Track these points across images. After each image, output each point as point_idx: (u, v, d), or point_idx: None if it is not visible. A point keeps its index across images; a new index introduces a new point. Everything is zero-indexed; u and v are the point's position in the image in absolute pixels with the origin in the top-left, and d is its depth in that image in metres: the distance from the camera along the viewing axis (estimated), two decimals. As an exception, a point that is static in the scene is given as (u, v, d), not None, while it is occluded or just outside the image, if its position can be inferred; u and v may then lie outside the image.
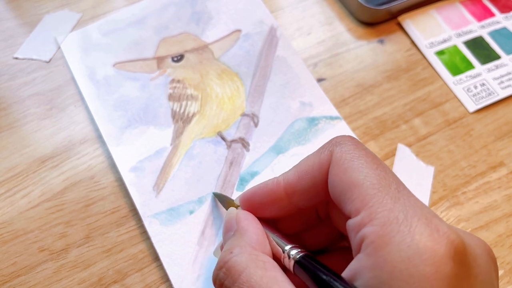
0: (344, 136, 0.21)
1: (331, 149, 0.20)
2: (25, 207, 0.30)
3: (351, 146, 0.20)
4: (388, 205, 0.17)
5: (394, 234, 0.16)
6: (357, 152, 0.20)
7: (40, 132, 0.33)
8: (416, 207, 0.17)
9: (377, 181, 0.18)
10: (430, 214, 0.17)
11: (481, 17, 0.41)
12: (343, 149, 0.20)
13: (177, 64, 0.36)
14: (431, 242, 0.16)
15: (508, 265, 0.30)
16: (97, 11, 0.39)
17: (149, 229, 0.29)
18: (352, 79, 0.37)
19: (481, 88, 0.37)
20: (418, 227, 0.16)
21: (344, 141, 0.20)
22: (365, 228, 0.17)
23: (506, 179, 0.33)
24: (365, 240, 0.17)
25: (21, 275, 0.28)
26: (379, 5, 0.39)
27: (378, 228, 0.17)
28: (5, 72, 0.36)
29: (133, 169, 0.31)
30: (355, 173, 0.19)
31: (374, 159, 0.20)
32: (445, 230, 0.16)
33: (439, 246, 0.16)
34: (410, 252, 0.16)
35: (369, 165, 0.19)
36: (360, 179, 0.18)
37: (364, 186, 0.18)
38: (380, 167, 0.19)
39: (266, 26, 0.38)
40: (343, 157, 0.19)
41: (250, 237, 0.21)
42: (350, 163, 0.19)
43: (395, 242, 0.16)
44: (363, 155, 0.19)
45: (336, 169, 0.19)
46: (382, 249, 0.16)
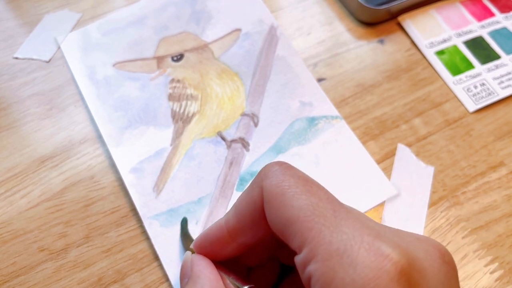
0: (271, 165, 0.20)
1: (260, 184, 0.19)
2: (24, 207, 0.30)
3: (279, 177, 0.19)
4: (327, 237, 0.16)
5: (338, 268, 0.16)
6: (286, 182, 0.18)
7: (40, 132, 0.33)
8: (356, 231, 0.17)
9: (311, 211, 0.17)
10: (371, 236, 0.16)
11: (481, 17, 0.41)
12: (271, 182, 0.19)
13: (177, 63, 0.36)
14: (374, 270, 0.16)
15: (508, 265, 0.30)
16: (97, 11, 0.39)
17: (149, 231, 0.29)
18: (352, 79, 0.37)
19: (481, 88, 0.37)
20: (359, 256, 0.16)
21: (271, 172, 0.19)
22: (309, 266, 0.17)
23: (506, 179, 0.33)
24: (312, 278, 0.17)
25: (20, 275, 0.28)
26: (379, 5, 0.39)
27: (321, 265, 0.16)
28: (5, 72, 0.36)
29: (133, 170, 0.31)
30: (287, 208, 0.18)
31: (306, 185, 0.18)
32: (388, 252, 0.16)
33: (382, 272, 0.15)
34: (355, 285, 0.15)
35: (300, 194, 0.18)
36: (295, 214, 0.17)
37: (300, 220, 0.17)
38: (312, 194, 0.18)
39: (266, 25, 0.38)
40: (273, 192, 0.19)
41: (204, 283, 0.21)
42: (281, 197, 0.18)
43: (339, 278, 0.16)
44: (293, 184, 0.18)
45: (270, 207, 0.19)
46: (328, 286, 0.16)
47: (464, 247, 0.31)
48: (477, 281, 0.29)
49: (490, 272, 0.30)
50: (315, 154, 0.33)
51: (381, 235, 0.17)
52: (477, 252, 0.30)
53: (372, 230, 0.17)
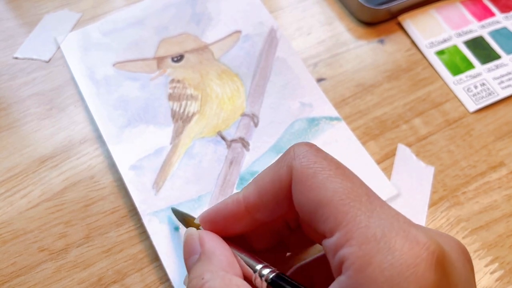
0: (301, 146, 0.19)
1: (290, 163, 0.19)
2: (24, 207, 0.30)
3: (311, 158, 0.18)
4: (363, 222, 0.16)
5: (374, 253, 0.16)
6: (318, 164, 0.18)
7: (40, 132, 0.33)
8: (392, 218, 0.17)
9: (346, 195, 0.17)
10: (406, 224, 0.17)
11: (481, 17, 0.41)
12: (303, 163, 0.18)
13: (177, 64, 0.36)
14: (412, 257, 0.16)
15: (508, 265, 0.30)
16: (97, 11, 0.39)
17: (148, 227, 0.29)
18: (352, 79, 0.37)
19: (481, 88, 0.37)
20: (397, 243, 0.16)
21: (302, 152, 0.19)
22: (343, 249, 0.16)
23: (506, 179, 0.33)
24: (345, 262, 0.16)
25: (20, 275, 0.28)
26: (379, 5, 0.39)
27: (357, 249, 0.16)
28: (5, 72, 0.36)
29: (132, 168, 0.31)
30: (321, 190, 0.17)
31: (339, 168, 0.18)
32: (424, 240, 0.16)
33: (420, 260, 0.16)
34: (393, 270, 0.15)
35: (334, 177, 0.18)
36: (328, 197, 0.17)
37: (334, 203, 0.17)
38: (346, 178, 0.18)
39: (266, 27, 0.38)
40: (304, 172, 0.18)
41: (220, 260, 0.20)
42: (313, 179, 0.18)
43: (377, 262, 0.16)
44: (326, 167, 0.18)
45: (300, 187, 0.18)
46: (364, 270, 0.16)
47: (465, 247, 0.31)
48: (478, 281, 0.29)
49: (490, 272, 0.30)
50: (315, 154, 0.33)
51: (415, 225, 0.17)
52: (478, 252, 0.30)
53: (406, 220, 0.17)
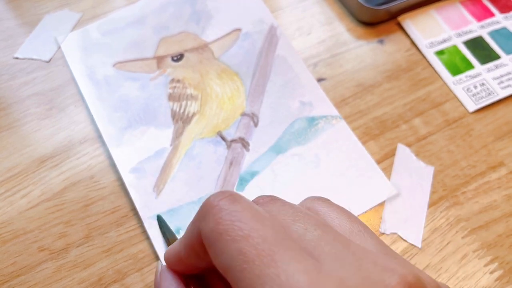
0: (209, 204, 0.17)
1: (199, 226, 0.18)
2: (25, 207, 0.30)
3: (215, 218, 0.17)
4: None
5: None
6: (221, 225, 0.16)
7: (40, 132, 0.33)
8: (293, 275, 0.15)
9: (242, 259, 0.15)
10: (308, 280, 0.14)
11: (481, 17, 0.41)
12: (207, 226, 0.17)
13: (177, 63, 0.36)
14: None
15: (508, 265, 0.30)
16: (97, 11, 0.39)
17: (149, 231, 0.29)
18: (352, 79, 0.37)
19: (481, 88, 0.37)
20: None
21: (207, 214, 0.17)
22: None
23: (506, 179, 0.33)
24: None
25: (20, 275, 0.28)
26: (379, 5, 0.39)
27: None
28: (5, 72, 0.36)
29: (133, 170, 0.31)
30: (222, 256, 0.16)
31: (240, 228, 0.16)
32: None
33: None
34: None
35: (234, 238, 0.16)
36: (228, 263, 0.16)
37: (232, 270, 0.16)
38: (243, 237, 0.16)
39: (266, 25, 0.38)
40: (209, 238, 0.17)
41: None
42: (216, 245, 0.17)
43: None
44: (228, 228, 0.16)
45: (210, 252, 0.17)
46: None
47: (464, 247, 0.31)
48: (477, 281, 0.29)
49: (490, 272, 0.30)
50: (315, 154, 0.33)
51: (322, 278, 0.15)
52: (477, 252, 0.30)
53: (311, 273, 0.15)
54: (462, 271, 0.30)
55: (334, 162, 0.33)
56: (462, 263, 0.30)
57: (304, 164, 0.32)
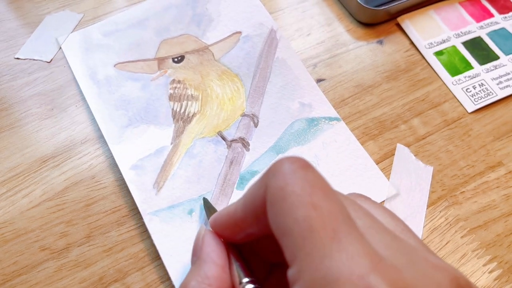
0: (282, 162, 0.17)
1: (266, 182, 0.17)
2: (26, 206, 0.31)
3: (287, 178, 0.16)
4: (315, 262, 0.14)
5: None
6: (291, 186, 0.16)
7: (41, 132, 0.34)
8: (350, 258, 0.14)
9: (306, 227, 0.15)
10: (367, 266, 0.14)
11: (480, 17, 0.42)
12: (276, 184, 0.16)
13: (177, 65, 0.36)
14: None
15: (507, 264, 0.30)
16: (98, 12, 0.39)
17: (149, 226, 0.29)
18: (351, 79, 0.37)
19: (480, 88, 0.37)
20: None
21: (278, 171, 0.17)
22: (294, 287, 0.15)
23: (505, 179, 0.33)
24: None
25: (22, 274, 0.28)
26: (378, 6, 0.39)
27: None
28: (7, 72, 0.36)
29: (133, 167, 0.31)
30: (285, 217, 0.16)
31: (311, 193, 0.16)
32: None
33: None
34: None
35: (300, 204, 0.15)
36: (289, 226, 0.15)
37: (293, 235, 0.15)
38: (313, 206, 0.15)
39: (266, 28, 0.38)
40: (275, 195, 0.16)
41: (208, 270, 0.20)
42: (282, 204, 0.16)
43: None
44: (297, 190, 0.16)
45: (270, 211, 0.17)
46: None
47: (463, 247, 0.31)
48: (476, 281, 0.30)
49: (488, 272, 0.30)
50: (314, 154, 0.33)
51: (381, 266, 0.14)
52: (476, 251, 0.31)
53: (372, 259, 0.14)
54: (461, 270, 0.30)
55: (334, 162, 0.33)
56: (461, 263, 0.30)
57: (304, 164, 0.32)
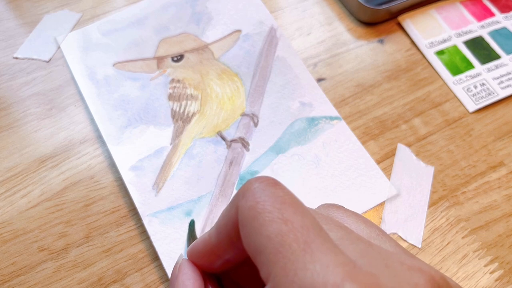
0: (250, 183, 0.17)
1: (237, 203, 0.17)
2: (25, 206, 0.30)
3: (255, 197, 0.17)
4: (290, 275, 0.14)
5: None
6: (260, 205, 0.16)
7: (40, 132, 0.33)
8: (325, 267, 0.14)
9: (278, 242, 0.15)
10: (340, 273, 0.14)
11: (481, 17, 0.41)
12: (246, 204, 0.17)
13: (177, 64, 0.36)
14: None
15: (508, 265, 0.30)
16: (97, 11, 0.39)
17: (148, 228, 0.29)
18: (352, 79, 0.37)
19: (481, 88, 0.37)
20: None
21: (247, 191, 0.17)
22: None
23: (506, 179, 0.33)
24: None
25: (20, 275, 0.28)
26: (379, 5, 0.39)
27: None
28: (5, 72, 0.36)
29: (132, 168, 0.31)
30: (257, 236, 0.16)
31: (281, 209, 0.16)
32: None
33: None
34: None
35: (271, 221, 0.16)
36: (262, 244, 0.16)
37: (266, 252, 0.15)
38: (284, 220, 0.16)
39: (266, 26, 0.38)
40: (245, 215, 0.17)
41: None
42: (252, 223, 0.16)
43: None
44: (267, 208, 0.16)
45: (243, 232, 0.17)
46: None
47: (464, 247, 0.31)
48: (477, 281, 0.29)
49: (490, 272, 0.30)
50: (315, 154, 0.33)
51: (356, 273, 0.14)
52: (477, 252, 0.30)
53: (346, 267, 0.14)
54: (462, 271, 0.30)
55: (334, 162, 0.33)
56: (462, 263, 0.30)
57: (304, 164, 0.32)
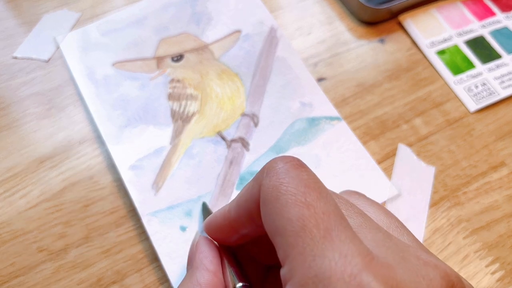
0: (276, 161, 0.17)
1: (260, 181, 0.17)
2: (24, 207, 0.30)
3: (280, 177, 0.16)
4: (307, 261, 0.14)
5: None
6: (284, 185, 0.16)
7: (39, 132, 0.33)
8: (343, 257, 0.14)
9: (299, 226, 0.15)
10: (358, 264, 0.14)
11: (482, 16, 0.41)
12: (269, 182, 0.17)
13: (177, 64, 0.36)
14: None
15: (509, 265, 0.30)
16: (96, 10, 0.39)
17: (147, 228, 0.29)
18: (352, 78, 0.37)
19: (482, 87, 0.37)
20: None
21: (272, 170, 0.17)
22: (287, 286, 0.15)
23: (507, 179, 0.33)
24: None
25: (20, 276, 0.28)
26: (380, 5, 0.38)
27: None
28: (4, 71, 0.36)
29: (132, 168, 0.31)
30: (278, 216, 0.16)
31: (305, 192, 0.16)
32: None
33: None
34: None
35: (293, 203, 0.15)
36: (282, 226, 0.15)
37: (286, 234, 0.15)
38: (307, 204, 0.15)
39: (266, 26, 0.38)
40: (268, 194, 0.16)
41: (200, 277, 0.20)
42: (274, 203, 0.16)
43: None
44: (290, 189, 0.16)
45: (264, 210, 0.17)
46: None
47: (465, 248, 0.30)
48: (478, 282, 0.29)
49: (491, 273, 0.30)
50: (315, 154, 0.33)
51: (373, 264, 0.14)
52: (478, 252, 0.30)
53: (364, 257, 0.14)
54: (464, 271, 0.30)
55: (335, 162, 0.32)
56: (463, 264, 0.30)
57: (304, 164, 0.32)
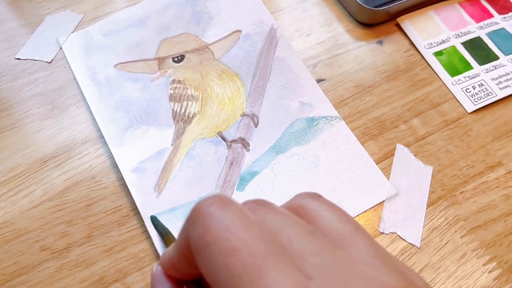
0: (199, 209, 0.17)
1: (187, 232, 0.17)
2: (26, 206, 0.31)
3: (204, 224, 0.16)
4: None
5: None
6: (208, 234, 0.16)
7: (42, 132, 0.34)
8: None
9: (229, 274, 0.15)
10: None
11: (480, 18, 0.42)
12: (195, 233, 0.16)
13: (177, 64, 0.36)
14: None
15: (506, 264, 0.30)
16: (98, 12, 0.39)
17: (150, 230, 0.29)
18: (351, 79, 0.37)
19: (480, 88, 0.38)
20: None
21: (196, 219, 0.17)
22: None
23: (504, 179, 0.34)
24: None
25: (22, 274, 0.28)
26: (378, 6, 0.39)
27: None
28: (7, 72, 0.36)
29: (134, 170, 0.31)
30: (209, 267, 0.16)
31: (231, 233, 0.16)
32: None
33: None
34: None
35: (221, 250, 0.15)
36: (214, 276, 0.15)
37: (220, 283, 0.15)
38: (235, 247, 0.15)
39: (266, 26, 0.38)
40: (196, 245, 0.16)
41: None
42: (202, 255, 0.16)
43: None
44: (216, 235, 0.16)
45: (197, 261, 0.17)
46: None
47: (463, 247, 0.31)
48: (476, 280, 0.30)
49: (488, 271, 0.30)
50: (314, 154, 0.33)
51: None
52: (476, 251, 0.31)
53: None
54: (461, 270, 0.30)
55: (334, 162, 0.33)
56: (460, 262, 0.30)
57: (303, 164, 0.33)
